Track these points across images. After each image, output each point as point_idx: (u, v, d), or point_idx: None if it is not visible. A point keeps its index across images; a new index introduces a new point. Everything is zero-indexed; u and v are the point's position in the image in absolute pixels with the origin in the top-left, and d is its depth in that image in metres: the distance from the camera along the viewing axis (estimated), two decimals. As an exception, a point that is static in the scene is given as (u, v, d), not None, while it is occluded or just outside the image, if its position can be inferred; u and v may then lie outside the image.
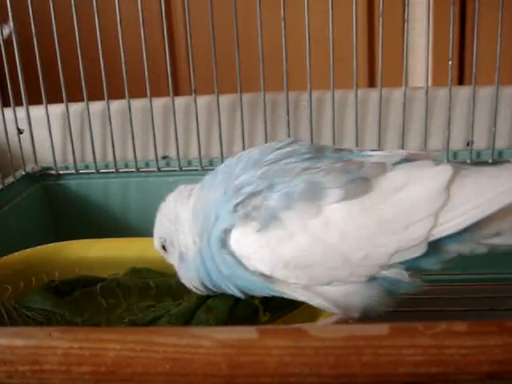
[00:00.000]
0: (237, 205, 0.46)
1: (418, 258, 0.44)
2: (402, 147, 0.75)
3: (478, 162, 0.75)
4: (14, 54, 0.76)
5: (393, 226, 0.43)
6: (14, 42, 0.75)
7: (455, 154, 0.76)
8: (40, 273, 0.64)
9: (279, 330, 0.36)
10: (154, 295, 0.61)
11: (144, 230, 0.81)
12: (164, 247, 0.55)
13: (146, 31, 0.75)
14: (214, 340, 0.35)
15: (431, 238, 0.43)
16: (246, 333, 0.36)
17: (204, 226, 0.49)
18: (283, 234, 0.44)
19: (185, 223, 0.51)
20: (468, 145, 0.75)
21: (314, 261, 0.44)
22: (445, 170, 0.44)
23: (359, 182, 0.44)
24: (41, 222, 0.81)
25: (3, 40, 0.75)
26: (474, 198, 0.43)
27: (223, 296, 0.54)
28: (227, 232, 0.46)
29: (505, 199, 0.42)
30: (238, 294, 0.50)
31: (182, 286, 0.63)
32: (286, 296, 0.48)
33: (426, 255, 0.44)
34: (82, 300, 0.60)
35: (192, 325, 0.52)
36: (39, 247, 0.66)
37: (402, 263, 0.44)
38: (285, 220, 0.44)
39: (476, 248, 0.45)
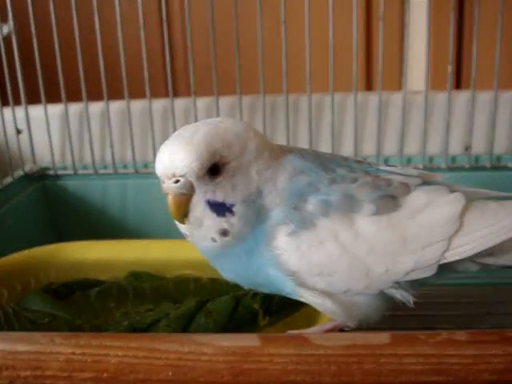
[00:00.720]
0: (295, 204, 0.45)
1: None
2: (401, 151, 0.75)
3: (477, 166, 0.75)
4: (13, 53, 0.75)
5: (413, 245, 0.45)
6: (14, 42, 0.75)
7: (453, 159, 0.76)
8: (38, 274, 0.64)
9: (281, 337, 0.36)
10: (153, 299, 0.61)
11: (142, 231, 0.81)
12: (217, 169, 0.44)
13: (145, 32, 0.75)
14: (216, 347, 0.36)
15: (442, 261, 0.46)
16: (248, 340, 0.36)
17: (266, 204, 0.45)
18: (315, 240, 0.44)
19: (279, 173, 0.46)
20: (466, 149, 0.76)
21: (338, 270, 0.45)
22: (459, 199, 0.47)
23: (389, 199, 0.46)
24: (39, 222, 0.81)
25: (3, 39, 0.75)
26: (482, 229, 0.46)
27: (223, 300, 0.54)
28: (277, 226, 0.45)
29: (508, 232, 0.46)
30: (249, 285, 0.49)
31: (181, 289, 0.63)
32: (291, 296, 0.47)
33: (434, 275, 0.47)
34: (81, 303, 0.60)
35: (191, 328, 0.52)
36: (37, 248, 0.66)
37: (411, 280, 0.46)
38: (319, 226, 0.44)
39: (470, 267, 0.49)
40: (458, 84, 0.99)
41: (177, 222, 0.46)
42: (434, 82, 0.72)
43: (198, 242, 0.47)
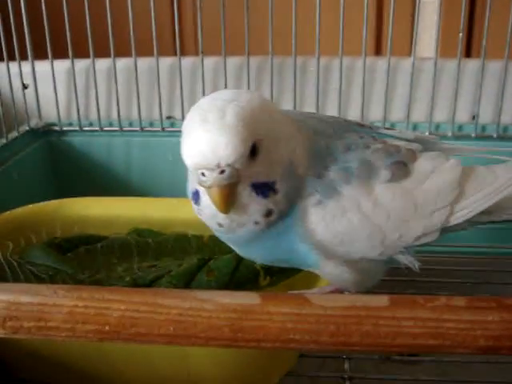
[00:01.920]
0: (320, 173, 0.44)
1: None
2: (408, 118, 0.75)
3: (483, 136, 0.75)
4: (20, 8, 0.75)
5: (423, 211, 0.46)
6: (21, -4, 0.74)
7: (460, 127, 0.76)
8: (41, 229, 0.64)
9: (282, 296, 0.37)
10: (155, 255, 0.62)
11: (146, 189, 0.82)
12: (254, 148, 0.41)
13: (154, -11, 0.74)
14: (217, 304, 0.36)
15: (445, 225, 0.47)
16: (249, 298, 0.36)
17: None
18: (339, 209, 0.44)
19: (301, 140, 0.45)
20: (473, 118, 0.75)
21: (358, 238, 0.45)
22: (457, 165, 0.48)
23: (401, 166, 0.46)
24: (43, 177, 0.81)
25: (10, -7, 0.74)
26: (479, 191, 0.48)
27: (225, 258, 0.55)
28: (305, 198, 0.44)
29: (504, 191, 0.48)
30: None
31: (183, 246, 0.64)
32: (311, 269, 0.48)
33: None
34: (83, 257, 0.60)
35: (193, 286, 0.53)
36: (41, 204, 0.66)
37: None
38: (343, 195, 0.44)
39: (466, 226, 0.50)
40: (468, 52, 0.98)
41: (207, 213, 0.44)
42: (444, 50, 0.71)
43: (236, 229, 0.44)
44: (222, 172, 0.39)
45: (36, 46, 0.78)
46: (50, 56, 0.78)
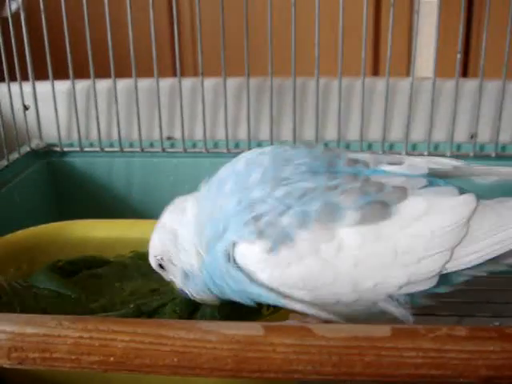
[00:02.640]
0: (249, 219, 0.43)
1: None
2: (407, 138, 0.75)
3: (481, 155, 0.75)
4: (21, 29, 0.75)
5: (406, 257, 0.42)
6: (22, 17, 0.75)
7: (459, 147, 0.76)
8: (43, 252, 0.64)
9: (285, 327, 0.37)
10: (158, 278, 0.62)
11: (147, 210, 0.82)
12: (161, 266, 0.52)
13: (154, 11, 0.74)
14: (221, 335, 0.37)
15: (443, 272, 0.42)
16: (252, 329, 0.37)
17: (210, 236, 0.46)
18: (294, 255, 0.42)
19: (184, 240, 0.49)
20: (472, 137, 0.76)
21: (322, 284, 0.42)
22: (468, 202, 0.43)
23: (377, 207, 0.42)
24: (45, 198, 0.81)
25: (11, 15, 0.75)
26: (494, 235, 0.42)
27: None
28: (235, 245, 0.44)
29: None
30: (251, 303, 0.47)
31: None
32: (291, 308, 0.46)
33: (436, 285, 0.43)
34: (87, 282, 0.61)
35: (197, 316, 0.53)
36: (42, 226, 0.66)
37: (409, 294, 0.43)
38: (297, 240, 0.42)
39: (494, 267, 0.45)
40: (465, 72, 0.99)
41: None
42: (441, 70, 0.71)
43: None
44: None
45: (36, 66, 0.78)
46: (50, 77, 0.78)
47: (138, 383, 0.49)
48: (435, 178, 0.46)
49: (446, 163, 0.48)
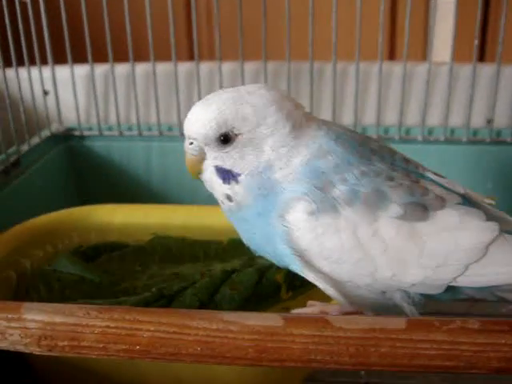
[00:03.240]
0: (319, 184, 0.45)
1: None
2: (423, 122, 0.76)
3: (498, 140, 0.75)
4: (40, 13, 0.76)
5: (427, 260, 0.44)
6: (41, 2, 0.76)
7: (475, 132, 0.76)
8: (66, 236, 0.66)
9: (304, 319, 0.38)
10: (176, 261, 0.64)
11: (165, 193, 0.84)
12: (227, 139, 0.45)
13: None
14: (242, 326, 0.38)
15: (452, 284, 0.45)
16: (272, 320, 0.38)
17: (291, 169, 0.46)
18: (333, 226, 0.44)
19: (303, 150, 0.46)
20: (488, 123, 0.76)
21: (346, 261, 0.44)
22: (492, 229, 0.45)
23: (419, 208, 0.44)
24: (65, 182, 0.83)
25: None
26: (504, 266, 0.45)
27: (247, 272, 0.56)
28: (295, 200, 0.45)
29: None
30: (266, 255, 0.49)
31: (203, 251, 0.66)
32: (298, 272, 0.48)
33: (442, 292, 0.46)
34: (108, 266, 0.62)
35: (217, 299, 0.55)
36: (65, 210, 0.68)
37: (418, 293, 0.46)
38: (342, 214, 0.44)
39: (488, 296, 0.47)
40: (482, 57, 0.98)
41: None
42: (457, 54, 0.72)
43: (220, 205, 0.49)
44: (191, 143, 0.46)
45: (56, 51, 0.79)
46: (69, 61, 0.79)
47: (165, 370, 0.51)
48: (467, 200, 0.48)
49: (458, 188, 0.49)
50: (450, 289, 0.46)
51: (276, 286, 0.56)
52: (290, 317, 0.39)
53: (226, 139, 0.45)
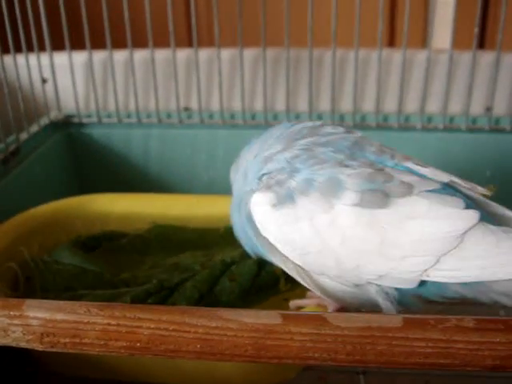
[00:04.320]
0: (263, 175, 0.48)
1: (413, 288, 0.44)
2: (422, 110, 0.76)
3: (497, 128, 0.75)
4: (37, -1, 0.75)
5: (391, 251, 0.42)
6: (38, -12, 0.75)
7: (474, 120, 0.76)
8: (65, 226, 0.67)
9: (302, 316, 0.39)
10: (176, 250, 0.65)
11: (164, 180, 0.84)
12: None
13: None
14: (241, 323, 0.39)
15: (424, 278, 0.43)
16: (271, 318, 0.39)
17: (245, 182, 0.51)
18: (293, 216, 0.45)
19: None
20: (488, 110, 0.76)
21: (310, 251, 0.45)
22: (468, 218, 0.43)
23: (378, 195, 0.43)
24: (64, 169, 0.83)
25: (27, -15, 0.75)
26: (485, 259, 0.42)
27: (247, 264, 0.57)
28: (250, 194, 0.48)
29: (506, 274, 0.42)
30: (252, 254, 0.52)
31: (201, 239, 0.66)
32: (284, 269, 0.49)
33: (423, 288, 0.44)
34: (108, 256, 0.63)
35: (216, 290, 0.55)
36: (64, 200, 0.68)
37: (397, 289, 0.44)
38: (298, 203, 0.45)
39: (480, 297, 0.44)
40: (482, 44, 0.98)
41: None
42: (457, 41, 0.71)
43: None
44: None
45: (54, 37, 0.78)
46: (67, 47, 0.78)
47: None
48: (451, 188, 0.46)
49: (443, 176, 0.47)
50: (433, 285, 0.43)
51: (275, 278, 0.57)
52: (289, 315, 0.39)
53: None
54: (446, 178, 0.46)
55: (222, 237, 0.66)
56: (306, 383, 0.59)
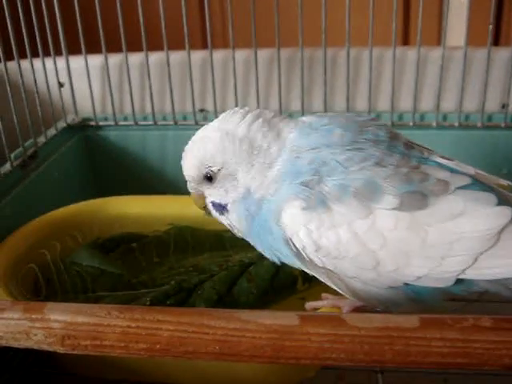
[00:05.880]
0: (301, 182, 0.45)
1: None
2: (438, 108, 0.75)
3: (513, 125, 0.75)
4: (53, 4, 0.76)
5: (431, 251, 0.42)
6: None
7: (490, 117, 0.76)
8: (84, 228, 0.68)
9: (319, 317, 0.39)
10: (193, 252, 0.65)
11: (181, 182, 0.84)
12: (210, 177, 0.49)
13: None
14: (259, 325, 0.39)
15: (461, 276, 0.43)
16: (289, 319, 0.39)
17: (284, 179, 0.46)
18: (326, 222, 0.44)
19: (269, 160, 0.47)
20: (503, 107, 0.76)
21: (346, 256, 0.44)
22: (502, 214, 0.43)
23: (417, 197, 0.43)
24: (81, 172, 0.84)
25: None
26: None
27: (265, 265, 0.57)
28: (284, 202, 0.46)
29: None
30: (274, 259, 0.50)
31: (218, 242, 0.67)
32: (311, 273, 0.49)
33: (454, 285, 0.44)
34: (126, 257, 0.64)
35: (234, 291, 0.56)
36: (83, 203, 0.69)
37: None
38: (333, 209, 0.43)
39: (502, 290, 0.45)
40: (496, 40, 0.97)
41: None
42: (471, 38, 0.71)
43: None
44: (190, 182, 0.51)
45: (69, 41, 0.79)
46: (83, 51, 0.79)
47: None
48: (477, 182, 0.46)
49: (469, 169, 0.47)
50: (460, 281, 0.44)
51: (293, 278, 0.57)
52: (306, 315, 0.40)
53: (209, 177, 0.49)
54: (471, 170, 0.47)
55: (238, 239, 0.66)
56: (324, 382, 0.60)
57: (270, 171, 0.47)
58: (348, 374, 0.59)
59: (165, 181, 0.84)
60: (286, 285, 0.57)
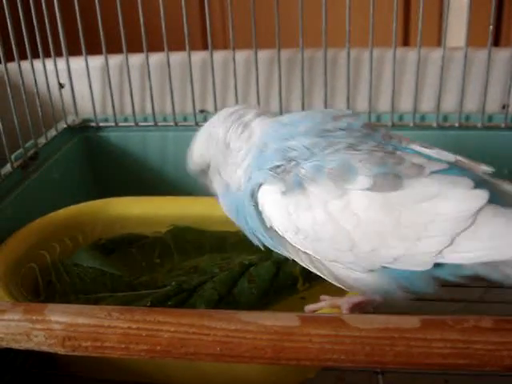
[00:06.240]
0: (276, 166, 0.47)
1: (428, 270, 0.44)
2: (438, 108, 0.75)
3: (513, 126, 0.75)
4: (53, 4, 0.76)
5: (406, 232, 0.43)
6: (54, -6, 0.76)
7: (490, 117, 0.76)
8: (85, 229, 0.67)
9: (320, 318, 0.39)
10: (194, 254, 0.65)
11: (181, 183, 0.84)
12: (205, 171, 0.54)
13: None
14: (260, 326, 0.39)
15: (440, 260, 0.43)
16: (289, 320, 0.39)
17: (253, 169, 0.49)
18: (303, 203, 0.45)
19: (240, 158, 0.51)
20: (504, 108, 0.76)
21: (322, 237, 0.44)
22: (478, 197, 0.43)
23: (391, 178, 0.43)
24: (81, 173, 0.84)
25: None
26: (497, 238, 0.42)
27: (265, 265, 0.57)
28: (259, 185, 0.48)
29: None
30: (257, 243, 0.51)
31: (220, 243, 0.67)
32: (294, 259, 0.49)
33: (439, 269, 0.44)
34: (127, 258, 0.64)
35: (235, 292, 0.56)
36: (83, 204, 0.69)
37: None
38: (309, 191, 0.44)
39: (493, 274, 0.44)
40: (497, 41, 0.97)
41: None
42: (472, 39, 0.71)
43: None
44: None
45: (70, 42, 0.79)
46: (84, 52, 0.79)
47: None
48: (458, 168, 0.46)
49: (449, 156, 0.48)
50: (444, 265, 0.43)
51: (293, 278, 0.57)
52: (307, 316, 0.40)
53: (205, 172, 0.54)
54: (452, 157, 0.47)
55: (241, 240, 0.66)
56: (325, 383, 0.60)
57: (240, 168, 0.50)
58: (348, 375, 0.59)
59: (165, 182, 0.84)
60: (287, 285, 0.57)
